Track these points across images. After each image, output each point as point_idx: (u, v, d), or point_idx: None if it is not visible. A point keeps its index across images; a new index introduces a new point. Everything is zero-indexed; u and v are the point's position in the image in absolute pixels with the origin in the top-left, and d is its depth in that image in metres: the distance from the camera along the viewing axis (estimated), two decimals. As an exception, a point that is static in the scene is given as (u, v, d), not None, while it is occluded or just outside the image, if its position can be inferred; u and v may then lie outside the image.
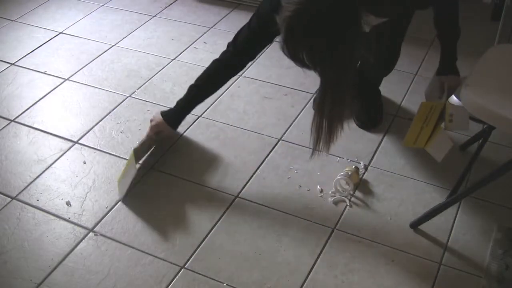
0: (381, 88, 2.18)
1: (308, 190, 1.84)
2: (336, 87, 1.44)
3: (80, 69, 2.44)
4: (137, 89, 2.30)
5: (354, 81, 1.49)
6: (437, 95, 1.75)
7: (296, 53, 1.39)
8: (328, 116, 1.49)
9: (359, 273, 1.59)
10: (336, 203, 1.80)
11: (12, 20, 2.79)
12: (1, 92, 2.30)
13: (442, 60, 1.75)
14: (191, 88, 1.90)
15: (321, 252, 1.65)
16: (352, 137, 2.05)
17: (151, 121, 1.97)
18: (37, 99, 2.26)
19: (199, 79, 1.89)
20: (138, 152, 1.88)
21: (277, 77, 2.30)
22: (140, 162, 1.92)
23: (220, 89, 2.27)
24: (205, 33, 2.66)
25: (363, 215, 1.76)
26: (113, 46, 2.59)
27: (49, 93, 2.30)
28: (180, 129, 2.09)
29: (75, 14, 2.84)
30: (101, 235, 1.71)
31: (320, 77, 1.45)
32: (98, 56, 2.52)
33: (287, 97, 2.23)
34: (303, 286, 1.56)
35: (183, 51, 2.54)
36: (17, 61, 2.49)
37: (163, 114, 1.95)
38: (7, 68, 2.45)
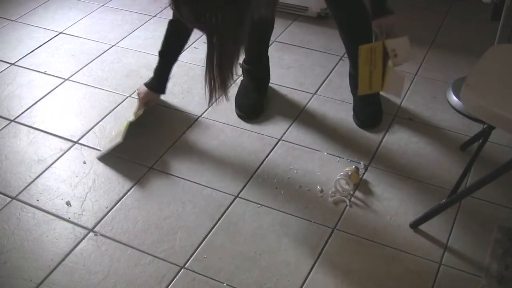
0: (381, 88, 2.18)
1: (308, 190, 1.84)
2: (227, 45, 1.43)
3: (80, 69, 2.44)
4: (137, 89, 2.30)
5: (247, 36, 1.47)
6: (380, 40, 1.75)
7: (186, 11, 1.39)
8: (219, 69, 1.48)
9: (359, 273, 1.59)
10: (336, 203, 1.80)
11: (12, 20, 2.79)
12: (1, 92, 2.30)
13: (372, 3, 1.77)
14: (160, 54, 2.03)
15: (321, 252, 1.65)
16: (352, 137, 2.05)
17: (138, 94, 2.12)
18: (37, 99, 2.26)
19: (163, 44, 2.01)
20: (132, 126, 2.00)
21: (277, 77, 2.30)
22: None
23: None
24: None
25: (363, 215, 1.76)
26: (113, 46, 2.59)
27: (49, 93, 2.30)
28: (180, 129, 2.09)
29: (75, 14, 2.84)
30: (101, 235, 1.71)
31: (208, 37, 1.44)
32: (98, 56, 2.52)
33: (287, 97, 2.23)
34: (303, 286, 1.56)
35: (183, 51, 2.53)
36: (17, 61, 2.49)
37: (147, 84, 2.10)
38: (7, 68, 2.45)
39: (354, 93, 2.16)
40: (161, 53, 2.03)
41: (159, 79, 2.09)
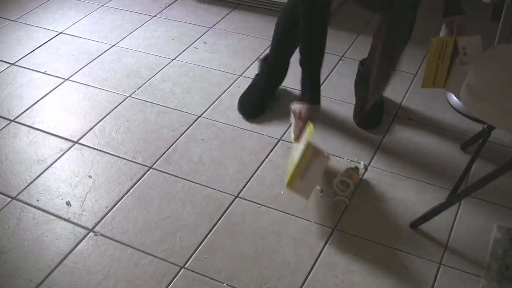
0: (381, 88, 2.18)
1: (308, 190, 1.84)
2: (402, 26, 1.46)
3: (80, 69, 2.44)
4: (137, 89, 2.31)
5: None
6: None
7: None
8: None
9: (359, 273, 1.59)
10: (336, 203, 1.80)
11: (12, 20, 2.79)
12: (1, 92, 2.30)
13: (446, 2, 1.76)
14: (303, 64, 1.76)
15: (321, 252, 1.65)
16: (352, 137, 2.05)
17: (297, 113, 1.79)
18: (37, 99, 2.26)
19: (301, 54, 1.75)
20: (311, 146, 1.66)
21: (277, 77, 2.30)
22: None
23: (221, 89, 2.29)
24: (205, 33, 2.66)
25: (363, 215, 1.76)
26: (113, 46, 2.59)
27: (49, 93, 2.30)
28: (180, 129, 2.09)
29: (75, 14, 2.84)
30: (101, 235, 1.71)
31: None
32: (98, 56, 2.52)
33: (287, 97, 2.23)
34: (303, 286, 1.56)
35: (183, 51, 2.54)
36: (17, 61, 2.49)
37: (305, 100, 1.78)
38: (7, 68, 2.45)
39: (357, 92, 2.15)
40: (304, 63, 1.75)
41: (315, 89, 1.80)
